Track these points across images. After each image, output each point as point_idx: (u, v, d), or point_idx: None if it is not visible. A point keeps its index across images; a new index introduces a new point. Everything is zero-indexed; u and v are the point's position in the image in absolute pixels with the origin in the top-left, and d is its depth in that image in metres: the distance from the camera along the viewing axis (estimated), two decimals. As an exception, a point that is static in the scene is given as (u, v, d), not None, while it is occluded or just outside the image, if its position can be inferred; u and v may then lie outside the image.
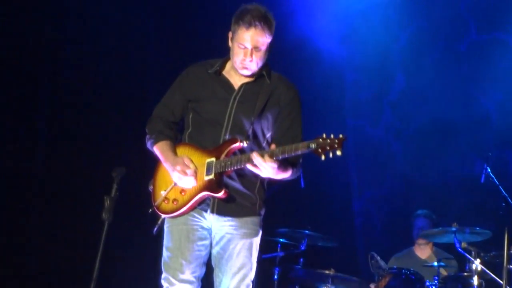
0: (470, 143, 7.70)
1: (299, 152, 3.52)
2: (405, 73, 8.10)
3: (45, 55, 6.57)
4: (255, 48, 3.79)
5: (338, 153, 3.41)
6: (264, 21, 3.78)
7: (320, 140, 3.46)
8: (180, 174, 3.77)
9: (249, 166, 3.65)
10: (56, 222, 6.47)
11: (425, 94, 7.87)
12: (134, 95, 7.04)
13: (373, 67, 8.01)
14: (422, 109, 7.89)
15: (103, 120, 6.83)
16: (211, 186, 3.74)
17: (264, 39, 3.79)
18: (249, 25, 3.75)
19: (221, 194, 3.72)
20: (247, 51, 3.79)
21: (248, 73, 3.87)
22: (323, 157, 3.43)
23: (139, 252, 6.69)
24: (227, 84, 3.93)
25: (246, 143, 3.74)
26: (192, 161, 3.81)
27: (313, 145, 3.46)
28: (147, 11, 7.31)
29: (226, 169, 3.72)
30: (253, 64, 3.82)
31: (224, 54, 3.99)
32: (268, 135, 3.93)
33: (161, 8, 7.42)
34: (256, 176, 3.82)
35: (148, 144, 4.02)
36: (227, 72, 3.97)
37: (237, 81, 3.93)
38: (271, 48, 3.87)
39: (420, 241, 6.97)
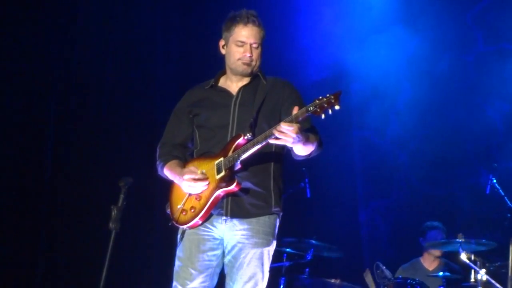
0: (476, 154, 7.70)
1: (300, 119, 3.55)
2: (412, 84, 8.10)
3: (54, 64, 6.61)
4: (253, 43, 3.91)
5: (337, 107, 3.46)
6: (258, 19, 3.96)
7: (317, 101, 3.51)
8: (189, 182, 3.80)
9: (271, 141, 3.61)
10: (63, 232, 6.49)
11: (432, 104, 7.88)
12: (141, 104, 7.08)
13: (380, 78, 8.03)
14: (428, 119, 7.88)
15: (110, 130, 6.86)
16: (224, 181, 3.76)
17: (261, 35, 3.95)
18: (247, 20, 3.92)
19: (234, 186, 3.74)
20: (246, 47, 3.91)
21: (249, 70, 3.95)
22: (323, 116, 3.48)
23: (146, 262, 6.72)
24: (225, 92, 4.01)
25: (250, 134, 3.78)
26: (198, 168, 3.83)
27: (311, 108, 3.51)
28: (157, 22, 7.36)
29: (235, 161, 3.74)
30: (253, 61, 3.93)
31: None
32: None
33: (170, 18, 7.47)
34: (269, 173, 3.88)
35: (159, 170, 4.06)
36: (223, 83, 4.07)
37: (234, 88, 4.01)
38: (263, 49, 3.98)
39: (436, 252, 6.83)
